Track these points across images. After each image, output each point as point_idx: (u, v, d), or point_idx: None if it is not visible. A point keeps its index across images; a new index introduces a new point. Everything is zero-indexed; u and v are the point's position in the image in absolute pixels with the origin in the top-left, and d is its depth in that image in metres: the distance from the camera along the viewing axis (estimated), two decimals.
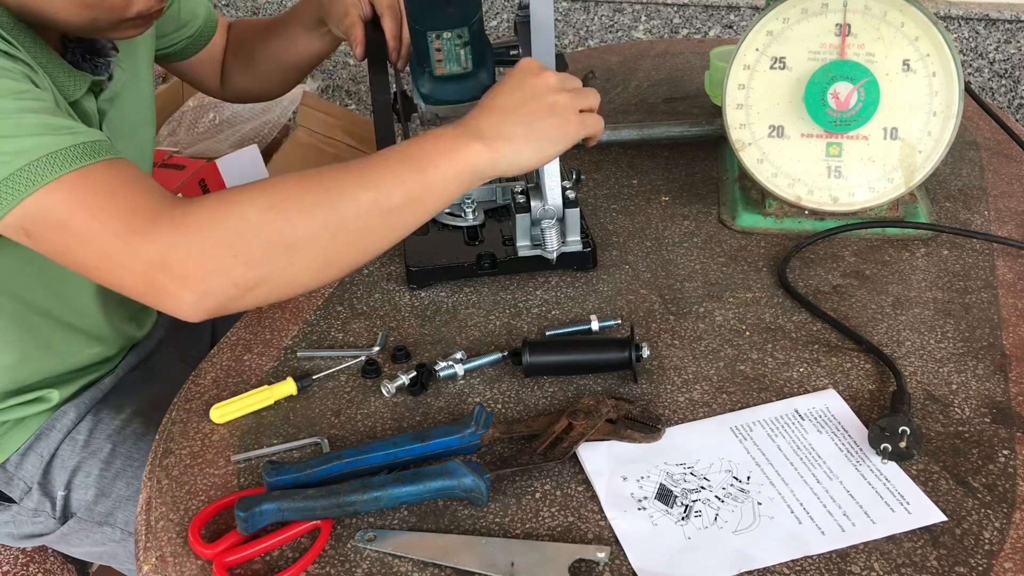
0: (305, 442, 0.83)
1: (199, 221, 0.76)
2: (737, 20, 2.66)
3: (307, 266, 0.79)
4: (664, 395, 0.85)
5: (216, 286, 0.76)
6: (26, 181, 0.76)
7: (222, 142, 2.35)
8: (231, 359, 0.94)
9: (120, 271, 0.77)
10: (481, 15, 0.97)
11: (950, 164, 1.23)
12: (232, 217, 0.76)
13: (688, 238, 1.10)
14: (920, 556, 0.68)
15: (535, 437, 0.79)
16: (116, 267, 0.77)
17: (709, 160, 1.28)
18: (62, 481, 1.06)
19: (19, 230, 0.78)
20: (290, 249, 0.77)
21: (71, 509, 1.07)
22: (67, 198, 0.76)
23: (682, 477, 0.76)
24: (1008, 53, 2.50)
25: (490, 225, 1.08)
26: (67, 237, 0.77)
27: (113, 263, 0.77)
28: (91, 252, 0.77)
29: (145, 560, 0.73)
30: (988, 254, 1.04)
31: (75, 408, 1.08)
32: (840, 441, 0.79)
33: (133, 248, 0.76)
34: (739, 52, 1.05)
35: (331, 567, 0.70)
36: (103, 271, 0.78)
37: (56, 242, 0.78)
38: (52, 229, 0.77)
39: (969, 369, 0.86)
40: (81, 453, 1.06)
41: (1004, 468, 0.75)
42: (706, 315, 0.96)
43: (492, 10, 2.86)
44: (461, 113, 1.02)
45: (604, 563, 0.69)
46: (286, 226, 0.76)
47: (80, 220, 0.76)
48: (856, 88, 1.01)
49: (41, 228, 0.78)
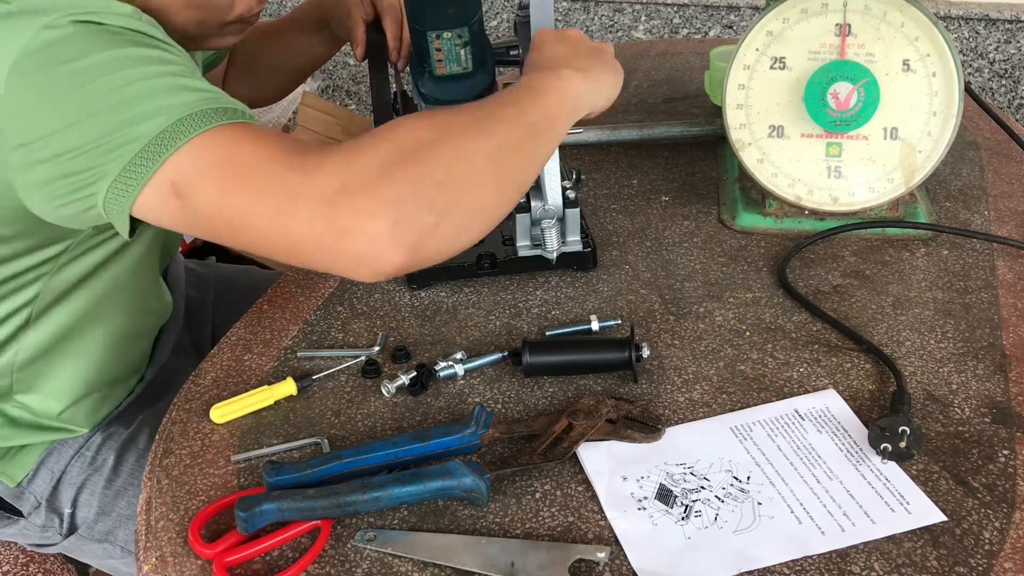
0: (305, 442, 0.83)
1: (371, 146, 0.68)
2: (737, 20, 2.66)
3: (486, 186, 0.73)
4: (664, 395, 0.85)
5: (411, 210, 0.66)
6: (178, 132, 0.70)
7: None
8: (231, 359, 0.94)
9: (292, 209, 0.67)
10: (481, 15, 0.97)
11: (950, 164, 1.23)
12: (405, 139, 0.69)
13: (688, 238, 1.10)
14: (920, 556, 0.68)
15: (535, 437, 0.79)
16: (288, 204, 0.67)
17: (709, 160, 1.28)
18: (69, 498, 1.06)
19: (168, 190, 0.71)
20: (467, 170, 0.71)
21: (76, 525, 1.07)
22: (225, 141, 0.71)
23: (682, 477, 0.76)
24: (1008, 53, 2.50)
25: None
26: (227, 176, 0.69)
27: (283, 199, 0.67)
28: (256, 189, 0.68)
29: (145, 560, 0.73)
30: (988, 254, 1.04)
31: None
32: (840, 441, 0.79)
33: (308, 176, 0.67)
34: (739, 52, 1.05)
35: (331, 567, 0.70)
36: (270, 215, 0.68)
37: (210, 190, 0.70)
38: (209, 170, 0.70)
39: (969, 369, 0.86)
40: (88, 470, 1.06)
41: (1004, 468, 0.75)
42: (706, 315, 0.96)
43: (492, 10, 2.86)
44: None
45: (604, 563, 0.69)
46: (458, 146, 0.71)
47: (244, 152, 0.70)
48: (856, 88, 1.01)
49: (193, 178, 0.70)
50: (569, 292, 1.01)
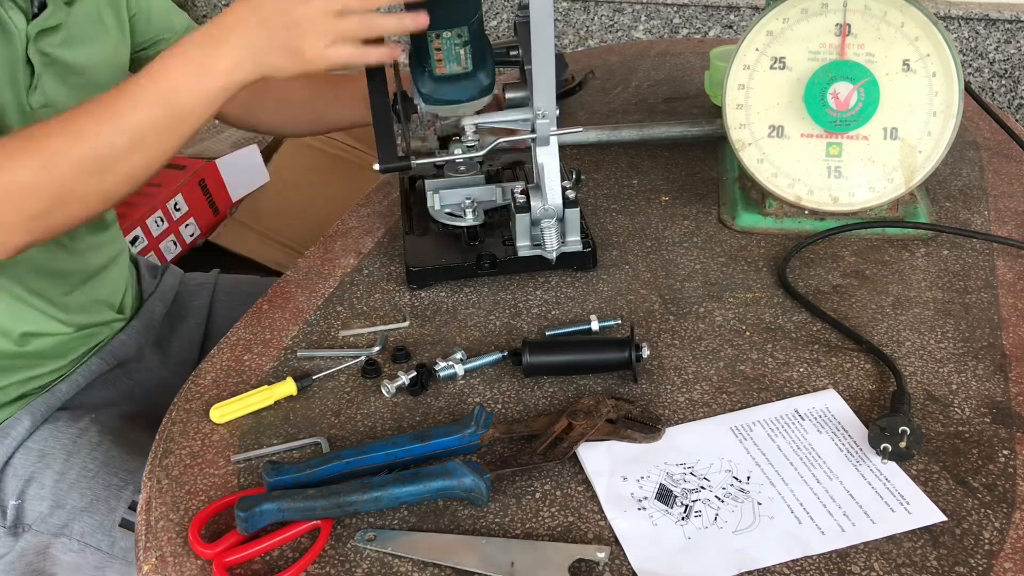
0: (305, 442, 0.83)
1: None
2: (737, 20, 2.66)
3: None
4: (664, 395, 0.85)
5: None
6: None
7: (222, 142, 2.36)
8: (231, 359, 0.94)
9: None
10: (481, 15, 0.97)
11: (950, 164, 1.23)
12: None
13: (688, 238, 1.10)
14: (920, 556, 0.68)
15: (535, 437, 0.79)
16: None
17: (709, 160, 1.28)
18: (14, 490, 1.05)
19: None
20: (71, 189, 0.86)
21: (25, 520, 1.05)
22: None
23: (682, 477, 0.76)
24: (1008, 53, 2.50)
25: (490, 225, 1.08)
26: None
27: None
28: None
29: (145, 560, 0.73)
30: (988, 254, 1.04)
31: (30, 415, 1.07)
32: (840, 441, 0.79)
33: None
34: (739, 52, 1.05)
35: (331, 567, 0.70)
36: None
37: None
38: None
39: (969, 369, 0.86)
40: (36, 463, 1.05)
41: (1004, 468, 0.75)
42: (706, 315, 0.96)
43: (492, 10, 2.86)
44: (460, 114, 1.02)
45: (604, 563, 0.69)
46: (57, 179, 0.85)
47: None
48: (856, 88, 1.01)
49: None
50: (569, 292, 1.01)
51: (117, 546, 1.03)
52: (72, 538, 1.05)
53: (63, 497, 1.05)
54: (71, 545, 1.05)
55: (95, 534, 1.03)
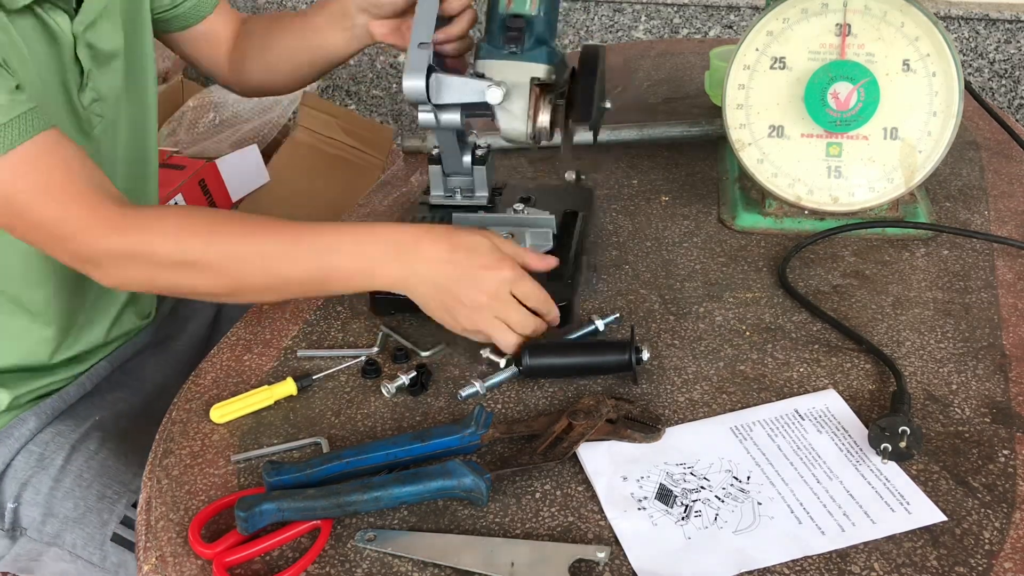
0: (305, 442, 0.83)
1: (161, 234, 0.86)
2: (737, 20, 2.66)
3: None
4: (664, 395, 0.85)
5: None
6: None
7: (222, 142, 2.36)
8: (231, 359, 0.94)
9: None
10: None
11: (950, 164, 1.23)
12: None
13: (688, 238, 1.10)
14: (920, 556, 0.68)
15: (535, 437, 0.79)
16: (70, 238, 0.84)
17: (709, 160, 1.28)
18: (12, 492, 1.04)
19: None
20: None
21: (21, 524, 1.05)
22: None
23: (682, 477, 0.76)
24: (1008, 53, 2.50)
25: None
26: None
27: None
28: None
29: (145, 560, 0.73)
30: (988, 254, 1.04)
31: (36, 417, 1.06)
32: (840, 441, 0.79)
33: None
34: (739, 52, 1.05)
35: (331, 567, 0.70)
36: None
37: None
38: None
39: (969, 369, 0.86)
40: (35, 467, 1.04)
41: (1004, 468, 0.75)
42: (706, 315, 0.96)
43: None
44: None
45: (604, 563, 0.69)
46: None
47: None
48: (856, 88, 1.01)
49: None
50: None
51: (108, 560, 1.02)
52: (64, 548, 1.04)
53: (56, 506, 1.03)
54: (62, 555, 1.04)
55: (87, 547, 1.02)
